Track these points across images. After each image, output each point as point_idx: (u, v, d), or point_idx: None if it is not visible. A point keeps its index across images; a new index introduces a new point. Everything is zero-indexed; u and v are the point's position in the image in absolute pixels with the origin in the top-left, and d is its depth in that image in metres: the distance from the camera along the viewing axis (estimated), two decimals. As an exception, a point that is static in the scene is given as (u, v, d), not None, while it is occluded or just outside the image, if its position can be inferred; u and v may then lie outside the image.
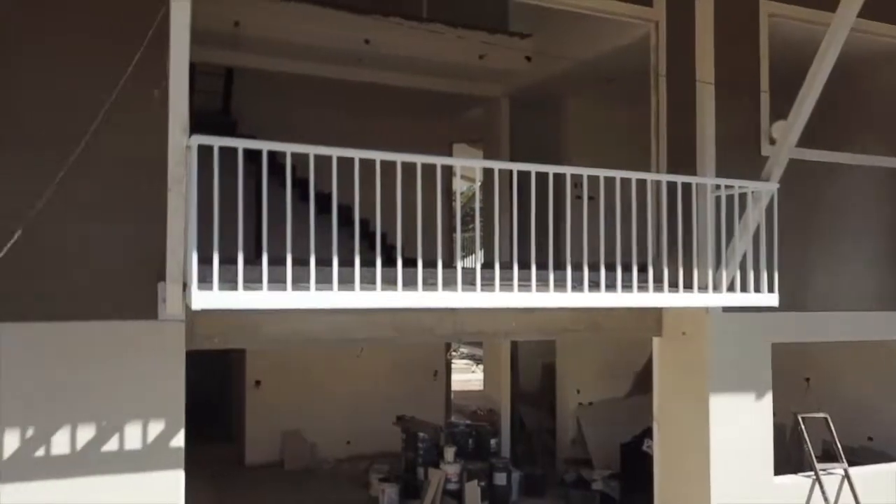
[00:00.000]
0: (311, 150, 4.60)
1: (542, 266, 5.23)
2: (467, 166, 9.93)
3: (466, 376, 16.48)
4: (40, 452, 4.67)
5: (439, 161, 5.21)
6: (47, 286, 4.79)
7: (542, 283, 5.25)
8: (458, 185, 14.61)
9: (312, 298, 4.46)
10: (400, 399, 10.11)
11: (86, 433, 4.76)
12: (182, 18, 4.10)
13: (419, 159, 4.84)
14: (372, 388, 10.35)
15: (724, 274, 6.11)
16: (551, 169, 5.35)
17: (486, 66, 8.96)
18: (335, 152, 4.60)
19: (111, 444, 4.81)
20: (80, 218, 4.86)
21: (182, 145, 4.36)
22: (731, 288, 6.08)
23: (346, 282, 4.61)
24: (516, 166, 5.50)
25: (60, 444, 4.70)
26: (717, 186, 6.12)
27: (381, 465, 9.28)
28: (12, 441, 4.61)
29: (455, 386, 12.75)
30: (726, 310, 6.59)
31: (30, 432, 4.65)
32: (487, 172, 8.07)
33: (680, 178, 5.82)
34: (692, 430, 6.74)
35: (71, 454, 4.73)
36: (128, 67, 4.64)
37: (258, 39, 8.06)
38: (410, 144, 5.87)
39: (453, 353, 15.54)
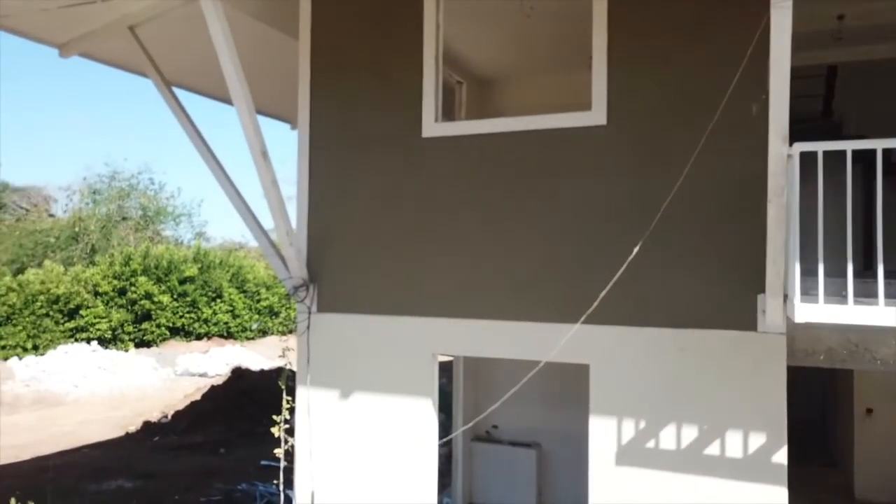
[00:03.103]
0: (940, 142, 3.89)
1: None
2: None
3: None
4: (650, 444, 5.20)
5: None
6: (649, 294, 5.31)
7: None
8: None
9: (944, 318, 3.75)
10: None
11: (689, 433, 5.09)
12: (783, 25, 4.00)
13: None
14: None
15: None
16: None
17: None
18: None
19: (712, 449, 5.02)
20: (685, 231, 5.23)
21: (783, 155, 4.25)
22: None
23: None
24: None
25: (668, 439, 5.15)
26: None
27: None
28: (628, 430, 5.26)
29: None
30: None
31: (642, 424, 5.23)
32: None
33: None
34: None
35: (676, 451, 5.12)
36: (727, 90, 4.80)
37: (866, 28, 7.23)
38: None
39: None
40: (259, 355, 23.72)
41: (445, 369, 9.05)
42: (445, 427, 8.48)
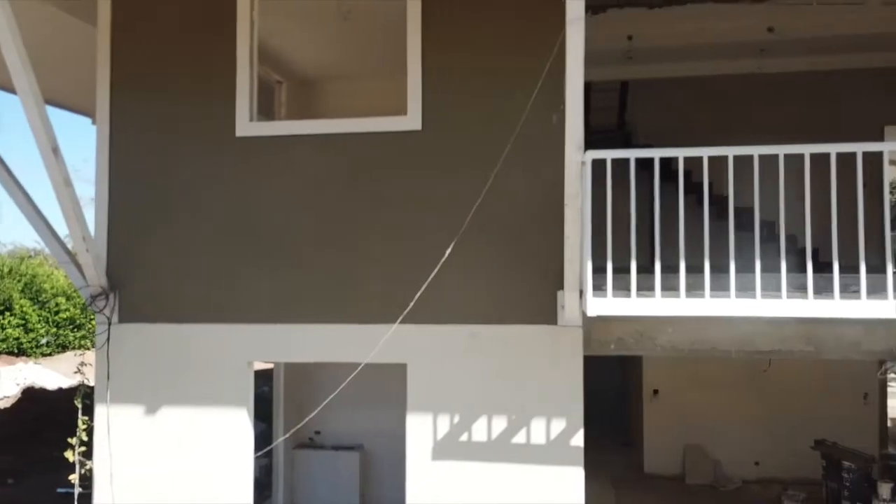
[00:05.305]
0: (705, 153, 4.45)
1: None
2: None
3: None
4: (464, 437, 5.42)
5: (860, 148, 4.38)
6: (462, 293, 5.53)
7: None
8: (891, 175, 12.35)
9: (707, 306, 4.30)
10: (819, 421, 8.95)
11: (499, 424, 5.37)
12: (577, 44, 4.31)
13: (834, 148, 4.28)
14: (786, 407, 9.41)
15: None
16: None
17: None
18: (731, 151, 4.37)
19: (519, 437, 5.33)
20: (496, 233, 5.49)
21: (577, 162, 4.60)
22: None
23: (746, 289, 4.32)
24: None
25: (479, 431, 5.39)
26: None
27: (795, 491, 8.39)
28: (443, 426, 5.44)
29: (893, 412, 10.81)
30: None
31: (456, 419, 5.44)
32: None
33: None
34: None
35: (487, 441, 5.38)
36: (528, 101, 5.11)
37: (651, 49, 8.04)
38: (830, 132, 5.24)
39: (893, 374, 13.16)
40: (57, 373, 21.47)
41: (268, 377, 8.77)
42: (266, 436, 8.22)
